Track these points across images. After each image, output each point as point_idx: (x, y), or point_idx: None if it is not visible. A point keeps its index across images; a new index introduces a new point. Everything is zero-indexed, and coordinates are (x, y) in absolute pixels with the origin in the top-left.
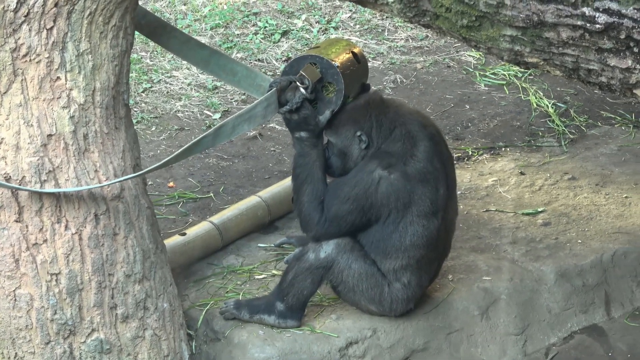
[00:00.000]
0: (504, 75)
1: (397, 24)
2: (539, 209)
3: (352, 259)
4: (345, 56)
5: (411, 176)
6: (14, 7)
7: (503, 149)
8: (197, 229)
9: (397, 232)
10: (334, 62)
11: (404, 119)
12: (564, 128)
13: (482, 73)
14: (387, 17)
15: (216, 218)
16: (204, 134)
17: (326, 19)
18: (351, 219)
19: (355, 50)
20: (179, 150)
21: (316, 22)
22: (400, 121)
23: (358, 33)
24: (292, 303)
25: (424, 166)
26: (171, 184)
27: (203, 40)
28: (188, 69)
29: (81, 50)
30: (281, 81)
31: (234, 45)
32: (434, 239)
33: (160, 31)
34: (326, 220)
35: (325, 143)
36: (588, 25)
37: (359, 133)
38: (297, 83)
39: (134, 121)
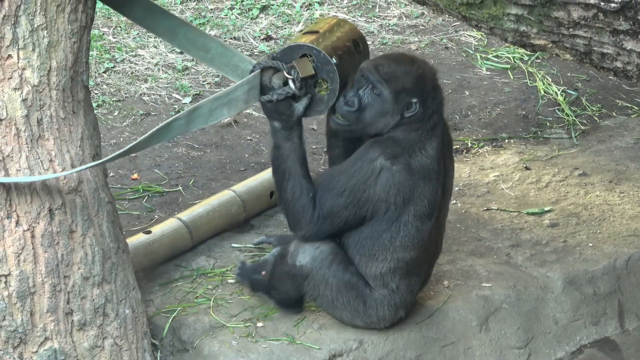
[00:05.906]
0: (508, 58)
1: (389, 0)
2: (546, 209)
3: (329, 274)
4: (345, 46)
5: (415, 170)
6: None
7: (506, 140)
8: (164, 227)
9: (389, 231)
10: (332, 59)
11: (442, 109)
12: (574, 118)
13: (483, 55)
14: None
15: (185, 214)
16: (175, 116)
17: None
18: (346, 214)
19: (357, 38)
20: (146, 135)
21: None
22: (440, 110)
23: (346, 9)
24: (283, 301)
25: (431, 163)
26: (135, 175)
27: None
28: (155, 47)
29: (36, 25)
30: (266, 64)
31: (207, 21)
32: (425, 241)
33: None
34: (319, 218)
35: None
36: (602, 4)
37: (415, 100)
38: (285, 74)
39: (95, 105)
